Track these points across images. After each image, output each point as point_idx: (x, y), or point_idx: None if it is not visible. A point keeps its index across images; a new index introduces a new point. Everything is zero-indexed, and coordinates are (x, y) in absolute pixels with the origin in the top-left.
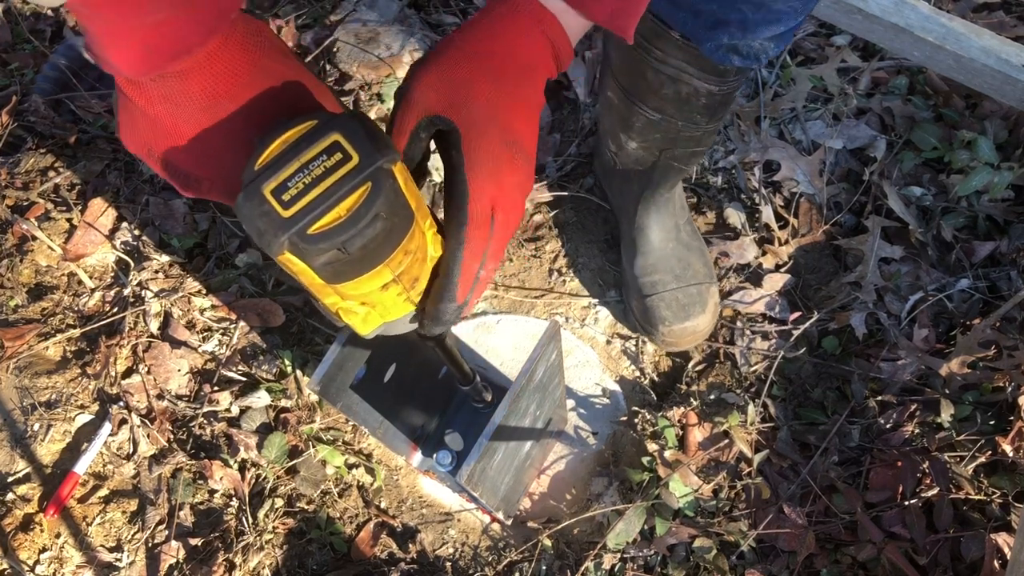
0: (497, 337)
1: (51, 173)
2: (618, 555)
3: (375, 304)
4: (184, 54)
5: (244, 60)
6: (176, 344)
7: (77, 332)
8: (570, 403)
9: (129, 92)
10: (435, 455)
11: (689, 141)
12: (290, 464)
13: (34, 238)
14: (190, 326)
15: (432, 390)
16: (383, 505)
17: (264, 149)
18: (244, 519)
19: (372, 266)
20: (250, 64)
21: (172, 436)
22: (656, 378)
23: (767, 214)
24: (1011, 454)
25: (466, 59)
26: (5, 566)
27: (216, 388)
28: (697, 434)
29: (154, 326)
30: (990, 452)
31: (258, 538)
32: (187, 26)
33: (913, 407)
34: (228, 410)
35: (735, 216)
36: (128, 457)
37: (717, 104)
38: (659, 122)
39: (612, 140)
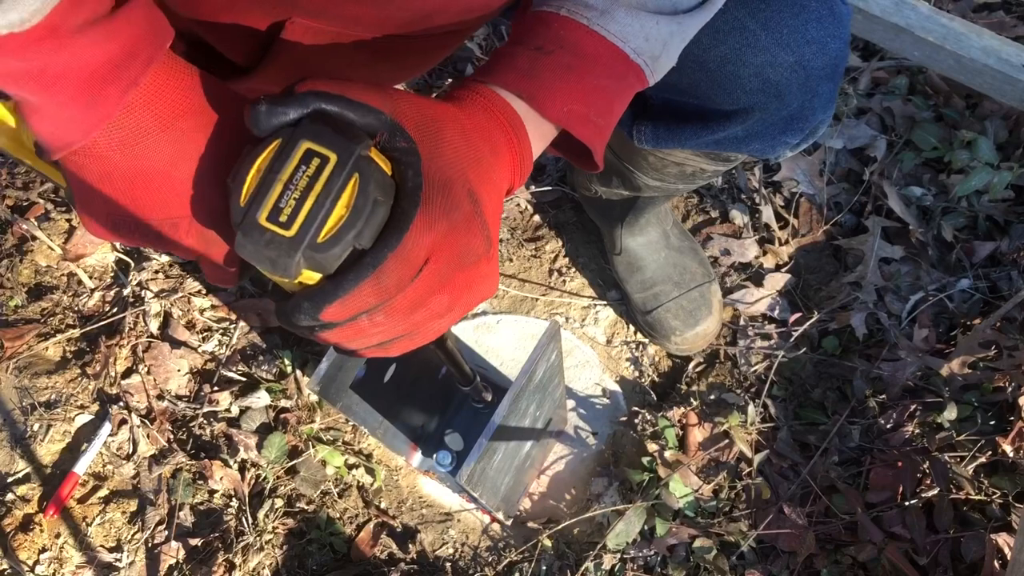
0: (497, 337)
1: None
2: (618, 555)
3: None
4: (131, 86)
5: (191, 83)
6: (176, 344)
7: (77, 332)
8: (570, 403)
9: (79, 161)
10: (435, 455)
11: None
12: (290, 464)
13: (34, 238)
14: (190, 326)
15: (432, 390)
16: (383, 505)
17: (242, 184)
18: (244, 519)
19: None
20: (197, 85)
21: (172, 436)
22: (656, 378)
23: (767, 214)
24: (1011, 454)
25: (436, 107)
26: (5, 566)
27: (216, 388)
28: (697, 434)
29: (154, 326)
30: (990, 452)
31: (258, 538)
32: (122, 55)
33: (913, 407)
34: (228, 410)
35: (740, 217)
36: (128, 457)
37: (723, 173)
38: (656, 187)
39: (596, 183)
